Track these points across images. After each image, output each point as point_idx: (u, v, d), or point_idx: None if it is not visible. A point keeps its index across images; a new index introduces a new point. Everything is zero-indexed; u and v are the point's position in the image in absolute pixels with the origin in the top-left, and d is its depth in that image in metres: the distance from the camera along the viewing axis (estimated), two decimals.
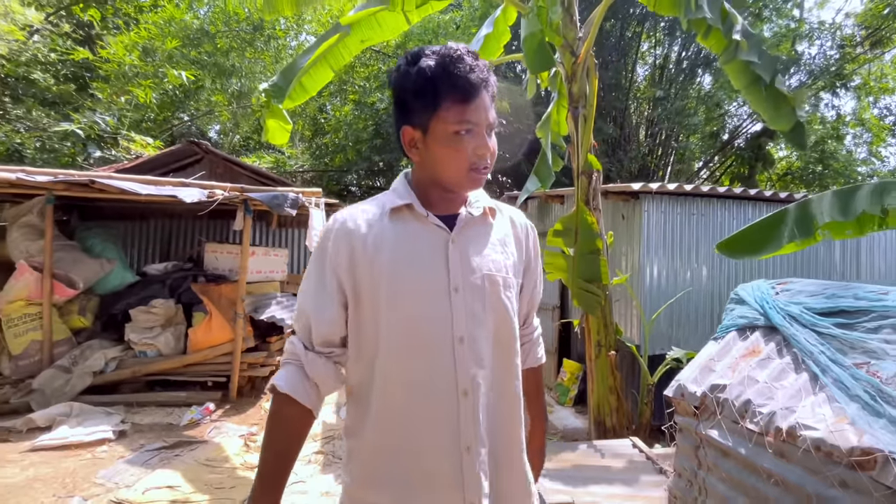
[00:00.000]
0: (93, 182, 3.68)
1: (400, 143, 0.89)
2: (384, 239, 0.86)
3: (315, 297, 0.87)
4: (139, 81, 7.21)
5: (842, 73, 9.53)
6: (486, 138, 0.86)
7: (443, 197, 0.91)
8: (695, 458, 1.63)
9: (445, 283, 0.85)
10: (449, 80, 0.81)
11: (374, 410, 0.85)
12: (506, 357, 0.91)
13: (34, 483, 2.63)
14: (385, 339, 0.84)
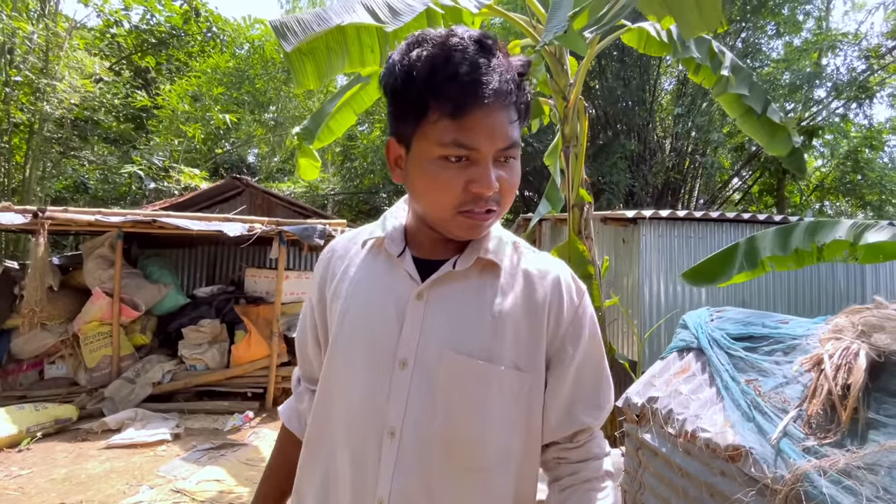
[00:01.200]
0: (155, 221, 4.35)
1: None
2: (346, 278, 0.71)
3: (300, 332, 0.82)
4: (190, 125, 8.10)
5: (866, 85, 9.39)
6: (491, 170, 0.60)
7: (434, 237, 0.69)
8: (636, 458, 1.96)
9: (392, 352, 0.65)
10: (434, 80, 0.57)
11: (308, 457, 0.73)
12: (461, 479, 0.64)
13: (110, 474, 3.20)
14: (319, 400, 0.72)
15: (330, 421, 0.69)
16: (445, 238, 0.68)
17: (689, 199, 14.23)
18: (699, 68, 3.85)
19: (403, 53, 0.61)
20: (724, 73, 3.72)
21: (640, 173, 12.78)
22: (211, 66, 9.01)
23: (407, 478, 0.61)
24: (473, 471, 0.64)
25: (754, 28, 11.15)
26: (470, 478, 0.64)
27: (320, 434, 0.70)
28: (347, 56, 3.13)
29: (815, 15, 10.81)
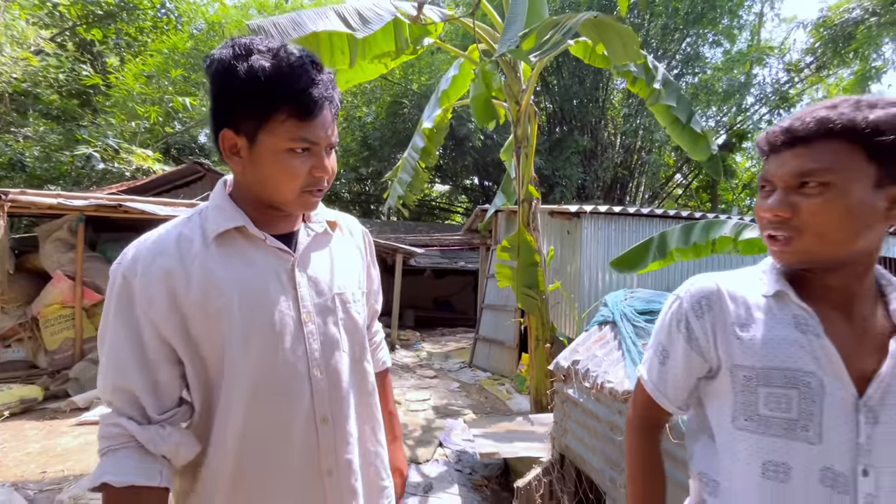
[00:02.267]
0: (120, 205, 4.41)
1: (217, 145, 0.76)
2: (213, 276, 0.74)
3: (135, 359, 0.71)
4: (147, 106, 7.88)
5: (786, 96, 10.50)
6: (325, 159, 0.77)
7: (277, 216, 0.82)
8: (562, 409, 2.44)
9: (296, 313, 0.79)
10: (288, 90, 0.69)
11: (229, 467, 0.75)
12: (361, 369, 0.89)
13: (86, 447, 3.36)
14: (236, 391, 0.74)
15: (258, 395, 0.75)
16: (286, 216, 0.83)
17: (636, 193, 15.26)
18: (636, 80, 4.33)
19: (242, 59, 0.69)
20: (657, 87, 4.21)
21: (591, 168, 13.55)
22: (169, 47, 8.73)
23: (335, 397, 0.82)
24: (363, 366, 0.91)
25: (696, 36, 12.08)
26: (362, 373, 0.91)
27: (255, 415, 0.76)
28: (319, 57, 3.37)
29: (747, 28, 11.82)
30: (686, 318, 0.78)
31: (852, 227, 0.63)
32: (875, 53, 8.65)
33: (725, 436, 0.74)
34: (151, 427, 0.71)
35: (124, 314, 0.72)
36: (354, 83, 5.07)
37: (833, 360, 0.65)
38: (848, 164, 0.63)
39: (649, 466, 0.85)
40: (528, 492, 2.24)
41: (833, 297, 0.69)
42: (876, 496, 0.62)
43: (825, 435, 0.65)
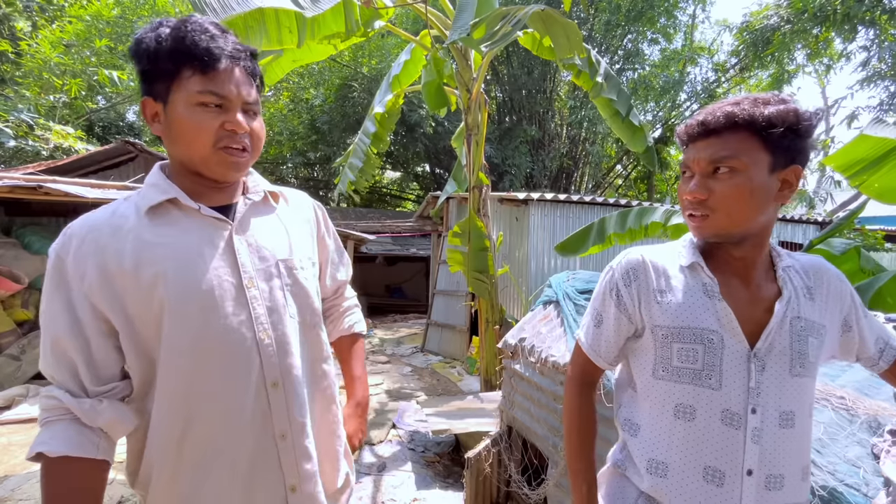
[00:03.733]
0: (40, 186, 4.03)
1: (143, 118, 0.80)
2: (146, 246, 0.75)
3: (72, 335, 0.72)
4: (67, 79, 7.16)
5: (713, 95, 11.33)
6: (240, 114, 0.77)
7: (209, 186, 0.82)
8: (510, 384, 2.59)
9: (237, 279, 0.79)
10: (188, 48, 0.73)
11: (175, 433, 0.76)
12: (313, 336, 0.91)
13: (9, 448, 3.12)
14: (176, 353, 0.75)
15: (201, 366, 0.76)
16: (220, 186, 0.83)
17: (581, 183, 15.93)
18: (580, 73, 4.52)
19: (152, 30, 0.75)
20: (599, 80, 4.42)
21: (539, 157, 13.96)
22: (92, 14, 7.93)
23: (286, 361, 0.83)
24: (315, 331, 0.92)
25: (637, 33, 12.69)
26: (314, 337, 0.92)
27: (198, 387, 0.76)
28: (266, 35, 3.24)
29: (682, 28, 12.57)
30: (617, 287, 0.90)
31: (754, 206, 0.76)
32: (788, 58, 9.55)
33: (645, 386, 0.88)
34: (87, 401, 0.73)
35: (59, 291, 0.73)
36: (302, 63, 4.91)
37: (730, 320, 0.79)
38: (749, 152, 0.75)
39: (584, 418, 0.97)
40: (478, 461, 2.37)
41: (735, 266, 0.83)
42: (761, 429, 0.77)
43: (724, 382, 0.78)
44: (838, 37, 8.54)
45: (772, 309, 0.80)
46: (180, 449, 0.77)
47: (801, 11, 7.36)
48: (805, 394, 0.79)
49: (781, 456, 0.77)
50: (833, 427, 1.20)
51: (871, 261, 2.59)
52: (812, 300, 0.82)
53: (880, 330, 0.87)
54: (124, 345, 0.76)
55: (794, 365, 0.77)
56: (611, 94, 4.54)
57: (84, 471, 0.72)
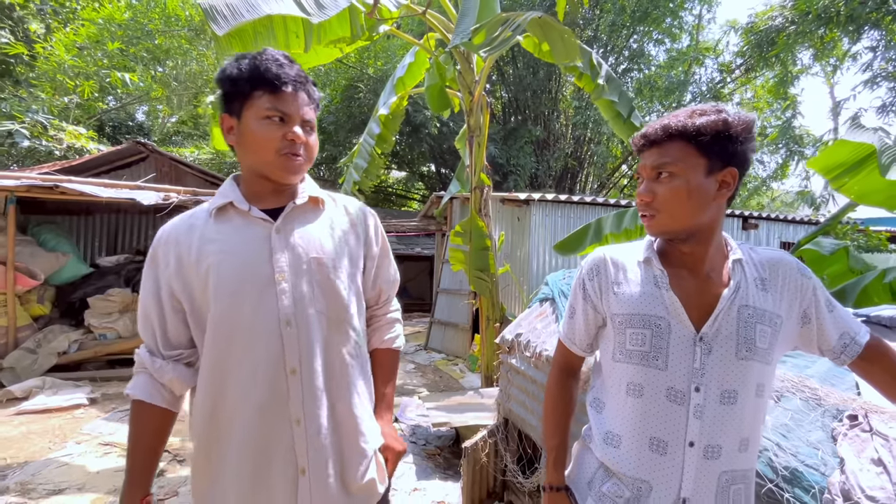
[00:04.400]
0: (57, 186, 4.18)
1: (222, 132, 0.96)
2: (208, 239, 0.92)
3: (155, 307, 0.92)
4: (80, 80, 7.34)
5: (718, 95, 11.33)
6: (299, 129, 0.92)
7: (269, 189, 0.96)
8: (506, 377, 2.68)
9: (270, 271, 0.91)
10: (260, 74, 0.89)
11: (209, 404, 0.90)
12: (341, 332, 0.97)
13: (29, 435, 3.26)
14: (213, 332, 0.89)
15: (233, 345, 0.89)
16: (276, 189, 0.96)
17: (585, 183, 15.95)
18: (582, 75, 4.59)
19: (235, 61, 0.93)
20: (601, 82, 4.48)
21: (543, 158, 14.01)
22: (104, 17, 8.11)
23: (305, 350, 0.90)
24: (342, 328, 0.98)
25: (642, 34, 12.71)
26: (340, 334, 0.97)
27: (228, 362, 0.89)
28: (274, 40, 3.35)
29: (687, 29, 12.57)
30: (583, 281, 1.01)
31: (693, 205, 0.86)
32: (792, 59, 9.54)
33: (607, 368, 0.98)
34: (159, 360, 0.93)
35: (150, 274, 0.93)
36: (309, 66, 5.03)
37: (676, 307, 0.88)
38: (685, 158, 0.85)
39: (561, 400, 1.07)
40: (475, 451, 2.47)
41: (685, 260, 0.92)
42: (703, 406, 0.86)
43: (670, 363, 0.88)
44: (845, 37, 8.54)
45: (720, 297, 0.89)
46: (210, 416, 0.91)
47: (805, 13, 7.37)
48: (750, 375, 0.87)
49: (720, 429, 0.85)
50: (799, 414, 1.28)
51: (860, 261, 2.65)
52: (765, 291, 0.90)
53: (847, 325, 0.92)
54: (189, 321, 0.93)
55: (739, 349, 0.86)
56: (612, 95, 4.60)
57: (153, 414, 0.92)
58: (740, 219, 6.62)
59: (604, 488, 0.95)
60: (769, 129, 13.97)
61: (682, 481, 0.86)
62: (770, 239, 6.73)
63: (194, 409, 0.94)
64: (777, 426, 1.27)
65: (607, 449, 0.94)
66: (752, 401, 0.88)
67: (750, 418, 0.89)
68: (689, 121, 0.85)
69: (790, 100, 10.97)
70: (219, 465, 0.90)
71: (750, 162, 0.91)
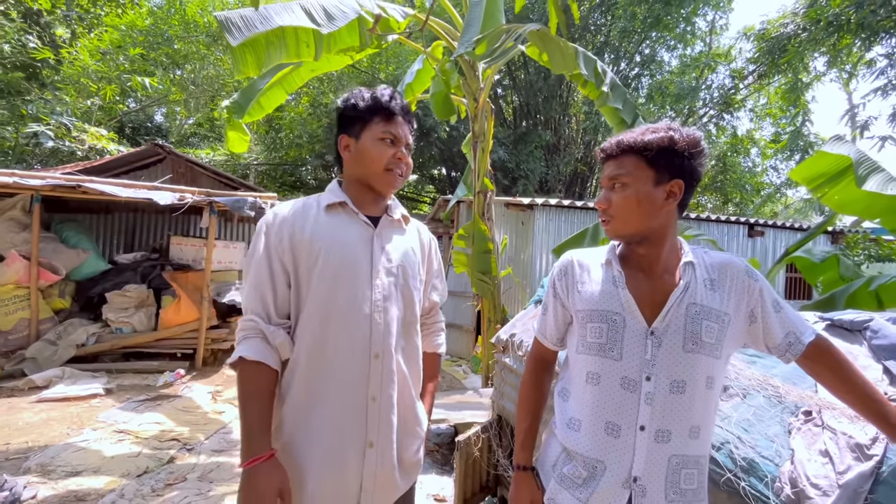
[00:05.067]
0: (79, 186, 4.40)
1: (336, 149, 1.15)
2: (321, 228, 1.05)
3: (269, 279, 1.03)
4: (103, 84, 7.64)
5: (729, 101, 11.29)
6: (403, 151, 1.12)
7: (368, 198, 1.13)
8: (501, 376, 2.78)
9: (369, 268, 1.06)
10: (379, 105, 1.09)
11: (300, 372, 1.02)
12: (410, 331, 1.14)
13: (49, 422, 3.44)
14: (317, 309, 1.02)
15: (329, 322, 1.02)
16: (374, 199, 1.14)
17: (595, 188, 15.94)
18: (587, 83, 4.66)
19: (358, 93, 1.14)
20: (605, 90, 4.55)
21: (553, 162, 14.05)
22: (126, 24, 8.42)
23: (387, 339, 1.06)
24: (412, 328, 1.15)
25: (654, 40, 12.71)
26: (410, 332, 1.15)
27: (324, 337, 1.02)
28: (285, 49, 3.50)
29: (700, 35, 12.54)
30: (554, 281, 1.12)
31: (642, 212, 0.97)
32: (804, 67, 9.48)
33: (572, 359, 1.08)
34: (271, 326, 1.02)
35: (265, 249, 1.04)
36: (320, 72, 5.19)
37: (631, 304, 0.98)
38: (635, 170, 0.97)
39: (534, 389, 1.18)
40: (468, 445, 2.56)
41: (641, 261, 1.03)
42: (653, 393, 0.95)
43: (625, 354, 0.97)
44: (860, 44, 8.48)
45: (670, 295, 0.98)
46: (303, 384, 1.02)
47: (816, 20, 7.35)
48: (698, 367, 0.96)
49: (670, 416, 0.95)
50: (761, 410, 1.36)
51: (851, 268, 2.70)
52: (713, 290, 1.00)
53: (793, 325, 1.00)
54: (291, 295, 1.05)
55: (686, 342, 0.95)
56: (616, 102, 4.66)
57: (266, 374, 1.00)
58: (746, 226, 6.61)
59: (565, 469, 1.05)
60: (783, 136, 13.84)
61: (634, 462, 0.95)
62: (777, 247, 6.71)
63: (288, 375, 1.04)
64: (740, 421, 1.36)
65: (569, 433, 1.04)
66: (702, 391, 0.96)
67: (700, 407, 0.97)
68: (640, 137, 0.97)
69: (801, 106, 10.87)
70: (304, 432, 1.01)
71: (698, 175, 1.01)
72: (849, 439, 1.15)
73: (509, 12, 8.71)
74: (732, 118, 13.02)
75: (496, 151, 11.85)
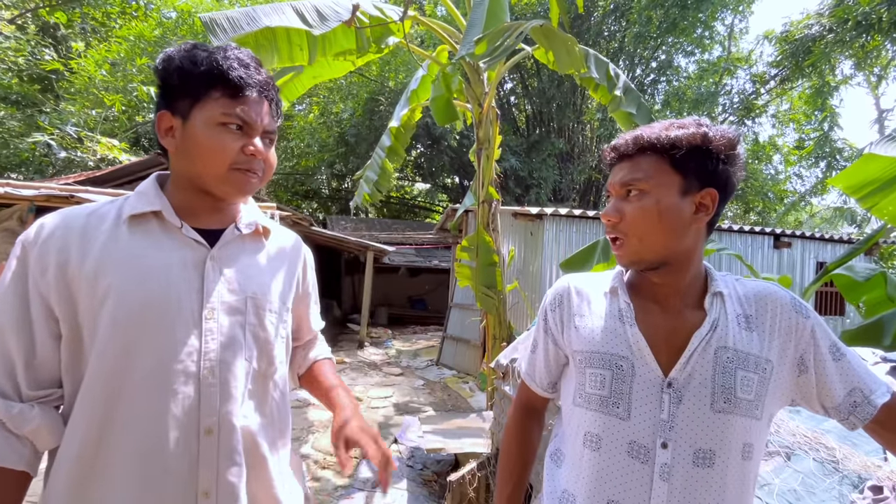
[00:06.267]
0: (73, 196, 4.30)
1: (155, 131, 0.79)
2: (115, 252, 0.73)
3: (19, 330, 0.69)
4: (110, 95, 7.68)
5: (750, 107, 10.89)
6: (259, 141, 0.78)
7: (205, 205, 0.81)
8: (500, 405, 2.51)
9: (198, 306, 0.75)
10: (221, 69, 0.74)
11: (75, 472, 0.69)
12: (266, 385, 0.82)
13: None
14: (102, 374, 0.70)
15: (121, 396, 0.70)
16: (216, 207, 0.81)
17: None
18: (598, 87, 4.43)
19: (186, 51, 0.76)
20: (618, 94, 4.31)
21: (567, 171, 13.78)
22: (135, 34, 8.51)
23: (226, 407, 0.75)
24: (266, 379, 0.83)
25: (671, 45, 12.40)
26: (263, 385, 0.82)
27: (111, 419, 0.70)
28: (277, 53, 3.34)
29: (719, 40, 12.19)
30: (545, 312, 0.88)
31: (664, 228, 0.72)
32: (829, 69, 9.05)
33: (567, 413, 0.83)
34: (17, 405, 0.68)
35: (17, 283, 0.70)
36: (322, 79, 5.05)
37: (641, 346, 0.73)
38: (657, 174, 0.72)
39: (520, 444, 0.93)
40: (462, 486, 2.30)
41: (656, 291, 0.77)
42: (671, 466, 0.70)
43: (633, 412, 0.72)
44: (889, 45, 8.04)
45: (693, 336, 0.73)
46: (86, 483, 0.69)
47: (844, 20, 6.98)
48: (732, 433, 0.71)
49: (693, 497, 0.70)
50: (812, 478, 1.08)
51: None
52: (749, 330, 0.74)
53: (860, 379, 0.74)
54: (63, 352, 0.72)
55: (716, 399, 0.70)
56: (630, 107, 4.42)
57: (7, 484, 0.68)
58: (772, 237, 6.22)
59: None
60: (807, 142, 13.30)
61: None
62: (805, 259, 6.29)
63: (54, 476, 0.71)
64: (784, 491, 1.07)
65: None
66: (737, 464, 0.72)
67: (735, 486, 0.72)
68: (663, 133, 0.72)
69: (828, 111, 10.40)
70: None
71: (734, 185, 0.76)
72: None
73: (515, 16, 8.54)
74: (754, 124, 12.57)
75: (508, 160, 11.64)
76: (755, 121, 12.35)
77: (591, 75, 4.33)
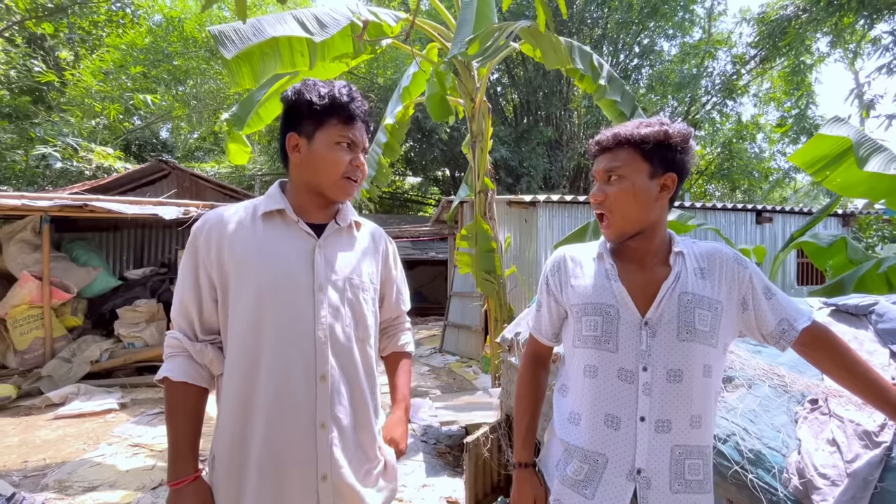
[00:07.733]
0: (86, 205, 4.47)
1: (283, 148, 1.02)
2: (252, 240, 0.97)
3: (193, 293, 0.96)
4: (106, 104, 7.76)
5: (732, 87, 11.16)
6: (361, 156, 1.04)
7: (315, 204, 1.04)
8: (507, 375, 2.76)
9: (310, 283, 0.97)
10: (339, 105, 0.99)
11: (232, 398, 0.94)
12: (362, 348, 1.04)
13: (65, 438, 3.50)
14: (244, 332, 0.94)
15: (261, 345, 0.93)
16: (322, 204, 1.04)
17: None
18: (583, 77, 4.63)
19: (312, 86, 1.01)
20: (602, 83, 4.52)
21: (556, 158, 13.99)
22: (126, 43, 8.56)
23: (334, 360, 0.97)
24: (364, 344, 1.05)
25: (652, 30, 12.63)
26: (362, 349, 1.05)
27: (255, 362, 0.93)
28: (280, 60, 3.53)
29: (699, 23, 12.42)
30: (547, 277, 1.12)
31: (639, 205, 0.96)
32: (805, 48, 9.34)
33: (569, 355, 1.08)
34: (198, 343, 0.97)
35: (190, 260, 0.98)
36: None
37: (623, 296, 0.98)
38: (632, 163, 0.97)
39: (531, 386, 1.18)
40: (477, 446, 2.56)
41: (633, 254, 1.02)
42: (651, 384, 0.94)
43: (620, 346, 0.97)
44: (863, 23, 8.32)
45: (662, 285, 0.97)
46: (238, 412, 0.94)
47: (815, 1, 7.24)
48: (694, 356, 0.95)
49: (669, 405, 0.94)
50: (767, 400, 1.34)
51: (859, 251, 2.66)
52: (703, 279, 0.99)
53: (786, 311, 0.99)
54: (220, 311, 0.98)
55: (680, 331, 0.94)
56: (614, 95, 4.63)
57: (195, 394, 0.96)
58: (754, 213, 6.52)
59: (567, 470, 1.04)
60: (788, 120, 13.65)
61: (636, 453, 0.95)
62: (786, 232, 6.60)
63: (222, 401, 0.97)
64: (746, 412, 1.33)
65: (569, 427, 1.04)
66: (700, 380, 0.96)
67: (699, 396, 0.96)
68: (635, 130, 0.96)
69: (805, 88, 10.71)
70: (242, 464, 0.93)
71: (688, 170, 1.00)
72: (856, 427, 1.13)
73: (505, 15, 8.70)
74: (736, 104, 12.87)
75: (498, 150, 11.83)
76: (737, 101, 12.65)
77: (576, 66, 4.55)
